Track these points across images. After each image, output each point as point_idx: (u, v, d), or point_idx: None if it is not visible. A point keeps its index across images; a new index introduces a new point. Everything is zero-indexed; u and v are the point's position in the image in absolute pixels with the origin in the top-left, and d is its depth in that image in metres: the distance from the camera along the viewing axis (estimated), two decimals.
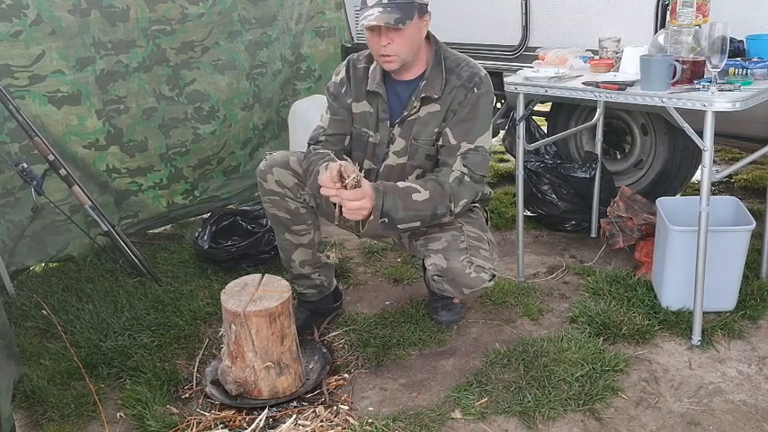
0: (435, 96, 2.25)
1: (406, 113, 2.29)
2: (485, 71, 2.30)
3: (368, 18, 2.11)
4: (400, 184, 2.19)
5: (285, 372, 2.22)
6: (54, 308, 2.81)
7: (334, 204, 2.06)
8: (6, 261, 2.99)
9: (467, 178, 2.24)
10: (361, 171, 2.10)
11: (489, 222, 2.61)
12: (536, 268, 3.09)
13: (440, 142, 2.28)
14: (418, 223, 2.21)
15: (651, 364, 2.33)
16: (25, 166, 2.90)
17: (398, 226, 2.19)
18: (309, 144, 2.42)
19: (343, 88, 2.38)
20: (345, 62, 2.41)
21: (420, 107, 2.28)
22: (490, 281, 2.32)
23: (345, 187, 1.98)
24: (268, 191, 2.45)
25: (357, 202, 2.02)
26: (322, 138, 2.40)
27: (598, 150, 3.32)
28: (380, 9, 2.11)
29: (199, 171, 3.80)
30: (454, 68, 2.27)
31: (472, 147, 2.24)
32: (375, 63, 2.32)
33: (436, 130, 2.28)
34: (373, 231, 2.19)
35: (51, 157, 2.91)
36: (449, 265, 2.26)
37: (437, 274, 2.31)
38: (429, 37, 2.29)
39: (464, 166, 2.23)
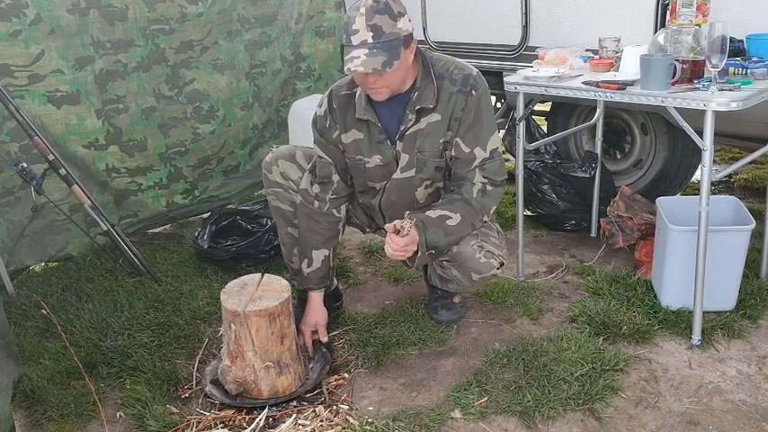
0: (430, 106, 2.22)
1: (402, 128, 2.26)
2: (476, 69, 2.28)
3: (354, 62, 2.02)
4: (431, 213, 2.20)
5: (285, 371, 2.22)
6: (54, 307, 2.81)
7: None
8: (6, 260, 2.99)
9: (489, 187, 2.26)
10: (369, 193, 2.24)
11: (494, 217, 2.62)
12: (536, 268, 3.09)
13: (452, 153, 2.26)
14: (458, 241, 2.29)
15: (651, 363, 2.33)
16: (25, 165, 2.90)
17: (444, 251, 2.29)
18: (316, 183, 2.41)
19: (327, 122, 2.33)
20: (327, 93, 2.35)
21: (418, 119, 2.25)
22: (498, 268, 2.36)
23: (398, 234, 2.14)
24: (272, 182, 2.46)
25: (408, 245, 2.14)
26: (325, 180, 2.40)
27: (598, 150, 3.32)
28: (366, 51, 2.03)
29: (198, 171, 3.80)
30: (444, 74, 2.24)
31: (487, 155, 2.25)
32: (360, 88, 2.26)
33: (441, 140, 2.25)
34: (423, 262, 2.29)
35: (51, 157, 2.91)
36: (459, 250, 2.29)
37: (446, 259, 2.33)
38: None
39: (484, 177, 2.25)
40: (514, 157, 2.92)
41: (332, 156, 2.38)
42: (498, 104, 4.13)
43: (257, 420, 2.12)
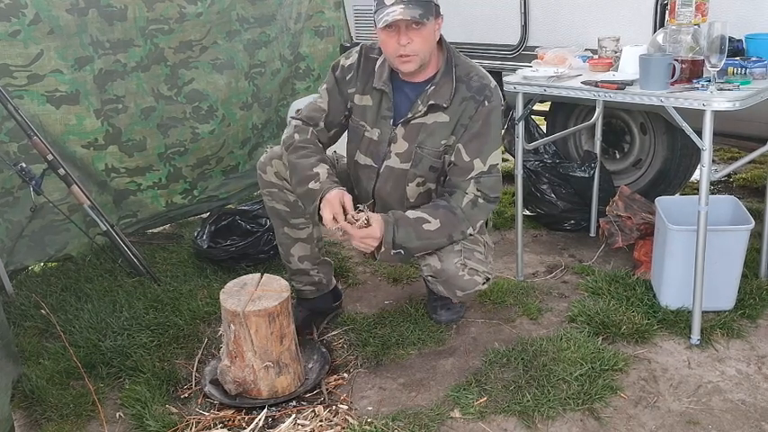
0: (444, 105, 2.22)
1: (410, 115, 2.26)
2: (494, 82, 2.27)
3: (391, 14, 2.07)
4: (410, 213, 2.19)
5: (284, 371, 2.22)
6: (53, 307, 2.81)
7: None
8: (5, 261, 2.99)
9: (480, 200, 2.25)
10: (353, 164, 2.20)
11: (489, 224, 2.60)
12: (535, 268, 3.10)
13: (452, 158, 2.26)
14: (434, 248, 2.26)
15: (650, 363, 2.33)
16: (24, 165, 2.90)
17: (415, 255, 2.26)
18: (296, 119, 2.40)
19: (350, 75, 2.34)
20: (359, 49, 2.36)
21: (426, 113, 2.25)
22: (484, 284, 2.34)
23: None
24: (267, 182, 2.46)
25: (366, 238, 2.11)
26: (310, 122, 2.37)
27: (597, 150, 3.32)
28: (402, 6, 2.07)
29: (198, 171, 3.80)
30: (464, 77, 2.24)
31: (485, 169, 2.23)
32: (382, 58, 2.29)
33: (443, 141, 2.25)
34: (389, 260, 2.25)
35: (50, 157, 2.90)
36: (442, 267, 2.27)
37: (431, 275, 2.32)
38: (441, 41, 2.27)
39: (478, 190, 2.24)
40: (514, 156, 2.92)
41: (333, 106, 2.37)
42: None
43: (257, 420, 2.12)
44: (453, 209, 2.22)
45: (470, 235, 2.29)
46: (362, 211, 2.14)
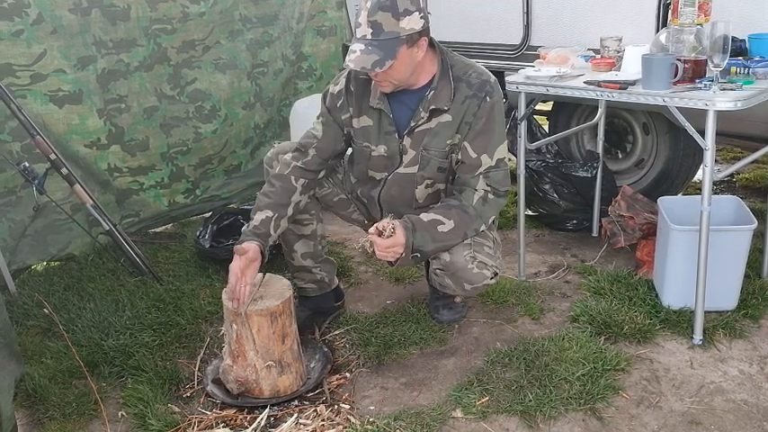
0: (445, 108, 2.21)
1: (413, 124, 2.25)
2: (494, 77, 2.27)
3: (349, 57, 2.06)
4: (424, 216, 2.19)
5: (286, 371, 2.22)
6: (55, 307, 2.81)
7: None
8: (8, 260, 3.00)
9: (491, 196, 2.25)
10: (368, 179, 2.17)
11: (496, 223, 2.60)
12: (537, 267, 3.09)
13: (459, 157, 2.25)
14: (448, 249, 2.26)
15: (652, 363, 2.32)
16: (27, 165, 2.91)
17: (429, 256, 2.27)
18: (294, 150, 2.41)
19: (340, 101, 2.33)
20: (346, 73, 2.33)
21: (430, 118, 2.24)
22: (492, 278, 2.33)
23: (381, 236, 2.11)
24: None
25: (392, 247, 2.12)
26: (302, 149, 2.39)
27: (599, 149, 3.32)
28: (362, 47, 2.06)
29: (200, 170, 3.80)
30: (462, 76, 2.23)
31: (493, 164, 2.24)
32: None
33: (448, 141, 2.25)
34: (405, 264, 2.25)
35: (53, 156, 2.91)
36: (452, 259, 2.27)
37: (439, 267, 2.32)
38: (434, 45, 2.25)
39: (487, 185, 2.24)
40: (516, 156, 2.91)
41: (328, 132, 2.36)
42: None
43: (258, 420, 2.13)
44: (465, 208, 2.22)
45: (481, 231, 2.30)
46: (388, 220, 2.15)
